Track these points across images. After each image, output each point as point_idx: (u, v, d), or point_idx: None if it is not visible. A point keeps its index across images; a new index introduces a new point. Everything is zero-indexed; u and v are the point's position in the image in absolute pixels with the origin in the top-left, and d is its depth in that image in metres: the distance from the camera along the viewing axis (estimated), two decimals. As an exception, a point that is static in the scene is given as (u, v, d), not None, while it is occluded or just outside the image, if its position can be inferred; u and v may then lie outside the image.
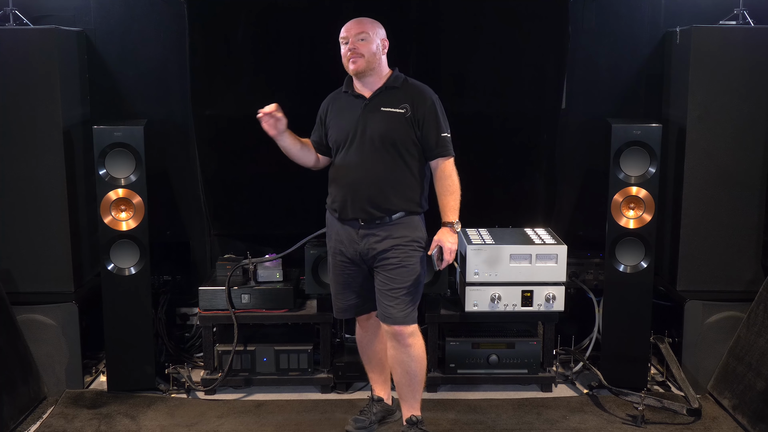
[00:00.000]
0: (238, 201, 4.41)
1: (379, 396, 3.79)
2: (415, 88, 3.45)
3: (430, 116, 3.39)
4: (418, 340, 3.51)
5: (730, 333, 4.04)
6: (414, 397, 3.57)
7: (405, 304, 3.43)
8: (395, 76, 3.47)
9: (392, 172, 3.40)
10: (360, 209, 3.42)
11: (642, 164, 3.97)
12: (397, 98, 3.41)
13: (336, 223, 3.53)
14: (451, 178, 3.40)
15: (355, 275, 3.54)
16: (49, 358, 4.06)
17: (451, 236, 3.36)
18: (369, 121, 3.40)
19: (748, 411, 3.73)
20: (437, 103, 3.43)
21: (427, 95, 3.42)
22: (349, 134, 3.43)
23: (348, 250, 3.49)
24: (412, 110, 3.38)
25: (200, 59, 4.22)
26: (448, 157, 3.41)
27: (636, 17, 4.40)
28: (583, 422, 3.80)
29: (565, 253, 3.99)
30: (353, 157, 3.43)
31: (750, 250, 4.14)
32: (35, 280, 4.08)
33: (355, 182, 3.42)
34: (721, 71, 4.02)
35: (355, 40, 3.39)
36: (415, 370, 3.51)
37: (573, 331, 4.40)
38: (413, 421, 3.57)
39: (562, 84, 4.31)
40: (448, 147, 3.41)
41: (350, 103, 3.48)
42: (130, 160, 3.94)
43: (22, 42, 3.94)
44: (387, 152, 3.39)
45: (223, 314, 4.07)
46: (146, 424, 3.77)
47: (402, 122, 3.38)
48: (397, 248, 3.41)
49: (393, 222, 3.43)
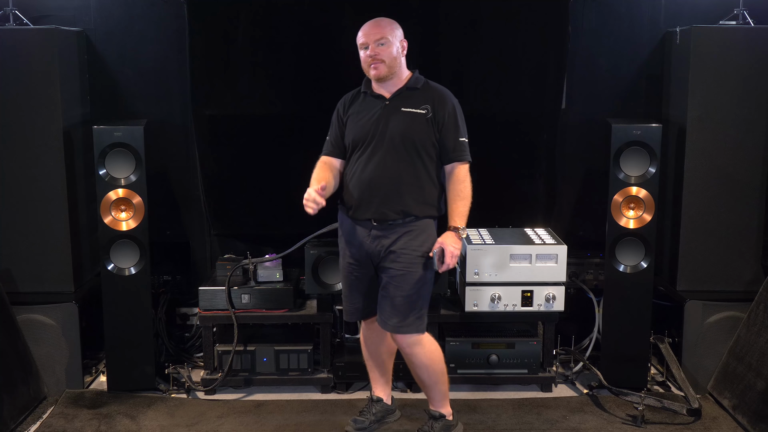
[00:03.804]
0: (238, 201, 4.41)
1: (378, 396, 3.78)
2: (437, 90, 3.43)
3: (450, 120, 3.37)
4: (422, 349, 3.46)
5: (730, 333, 4.04)
6: (431, 396, 3.58)
7: (403, 313, 3.39)
8: (416, 77, 3.45)
9: (410, 172, 3.37)
10: (374, 209, 3.39)
11: (642, 164, 3.97)
12: (418, 99, 3.40)
13: (347, 222, 3.50)
14: (464, 183, 3.38)
15: (362, 278, 3.52)
16: (49, 358, 4.06)
17: (455, 241, 3.33)
18: (389, 122, 3.38)
19: (748, 411, 3.73)
20: (458, 107, 3.42)
21: (449, 99, 3.41)
22: (369, 134, 3.41)
23: (357, 252, 3.48)
24: (433, 112, 3.37)
25: (200, 59, 4.23)
26: (464, 162, 3.39)
27: (636, 17, 4.40)
28: (583, 422, 3.80)
29: (565, 253, 3.99)
30: (371, 157, 3.41)
31: (750, 250, 4.14)
32: (35, 280, 4.09)
33: (372, 181, 3.39)
34: (721, 71, 4.02)
35: (375, 46, 3.35)
36: (422, 375, 3.51)
37: (573, 331, 4.40)
38: (433, 415, 3.57)
39: (562, 84, 4.31)
40: (464, 152, 3.39)
41: (369, 104, 3.45)
42: (130, 160, 3.94)
43: (22, 42, 3.94)
44: (406, 152, 3.36)
45: (223, 314, 4.07)
46: (146, 424, 3.77)
47: (423, 123, 3.37)
48: (403, 253, 3.38)
49: (406, 225, 3.39)
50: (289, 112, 4.31)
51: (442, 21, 4.22)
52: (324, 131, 3.68)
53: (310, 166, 3.81)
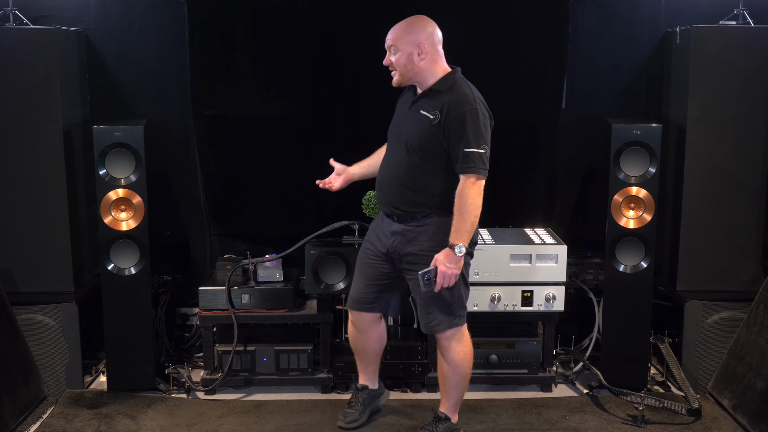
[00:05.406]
0: (238, 201, 4.41)
1: (363, 384, 3.80)
2: (455, 95, 3.23)
3: (456, 128, 3.18)
4: (457, 345, 3.43)
5: (730, 333, 4.04)
6: (447, 398, 3.55)
7: (433, 313, 3.38)
8: (445, 78, 3.29)
9: (413, 176, 3.31)
10: (385, 205, 3.42)
11: (642, 164, 3.97)
12: (436, 103, 3.25)
13: (381, 212, 3.52)
14: (464, 197, 3.18)
15: (373, 267, 3.51)
16: (49, 358, 4.06)
17: (449, 259, 3.19)
18: (407, 122, 3.35)
19: (748, 411, 3.73)
20: (470, 114, 3.18)
21: (461, 106, 3.19)
22: (392, 130, 3.43)
23: (378, 242, 3.49)
24: (441, 118, 3.21)
25: (200, 59, 4.23)
26: (468, 174, 3.18)
27: (636, 17, 4.40)
28: (583, 422, 3.80)
29: (565, 253, 3.99)
30: (388, 155, 3.43)
31: (750, 250, 4.14)
32: (35, 280, 4.08)
33: (383, 179, 3.43)
34: (721, 71, 4.02)
35: (389, 53, 3.33)
36: (448, 373, 3.49)
37: (573, 331, 4.40)
38: (440, 416, 3.56)
39: (562, 84, 4.31)
40: (468, 164, 3.18)
41: (407, 99, 3.43)
42: (130, 160, 3.94)
43: (22, 42, 3.94)
44: (415, 156, 3.29)
45: (223, 314, 4.06)
46: (146, 424, 3.77)
47: (430, 128, 3.24)
48: (422, 254, 3.32)
49: (420, 224, 3.33)
50: (289, 112, 4.31)
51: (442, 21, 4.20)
52: (323, 131, 3.69)
53: (311, 166, 3.83)
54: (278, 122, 4.30)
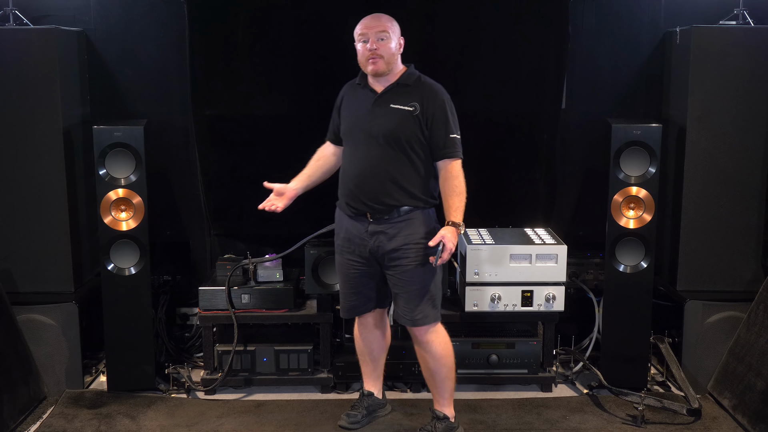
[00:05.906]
0: (238, 201, 4.41)
1: (369, 390, 3.81)
2: (427, 86, 3.41)
3: (440, 116, 3.35)
4: (438, 337, 3.51)
5: (730, 333, 4.04)
6: (439, 393, 3.58)
7: (420, 306, 3.43)
8: (409, 73, 3.43)
9: (396, 169, 3.37)
10: (365, 203, 3.41)
11: (642, 164, 3.97)
12: (408, 96, 3.38)
13: (345, 220, 3.51)
14: (458, 179, 3.36)
15: (361, 275, 3.53)
16: (49, 358, 4.06)
17: (454, 236, 3.33)
18: (377, 117, 3.38)
19: (748, 411, 3.73)
20: (448, 103, 3.39)
21: (439, 94, 3.38)
22: (357, 128, 3.43)
23: (358, 248, 3.48)
24: (421, 109, 3.35)
25: (200, 59, 4.23)
26: (456, 158, 3.37)
27: (636, 17, 4.40)
28: (583, 422, 3.80)
29: (565, 253, 3.99)
30: (360, 151, 3.42)
31: (750, 250, 4.14)
32: (35, 280, 4.08)
33: (359, 176, 3.41)
34: (721, 71, 4.02)
35: (375, 39, 3.35)
36: (434, 367, 3.52)
37: (573, 331, 4.40)
38: (438, 416, 3.57)
39: (562, 84, 4.31)
40: (456, 148, 3.37)
41: (362, 96, 3.46)
42: (130, 160, 3.94)
43: (22, 42, 3.94)
44: (392, 149, 3.36)
45: (223, 314, 4.06)
46: (146, 424, 3.77)
47: (409, 120, 3.35)
48: (407, 248, 3.39)
49: (402, 218, 3.40)
50: (288, 112, 4.31)
51: (442, 21, 4.22)
52: (323, 131, 3.68)
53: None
54: (278, 122, 4.30)
